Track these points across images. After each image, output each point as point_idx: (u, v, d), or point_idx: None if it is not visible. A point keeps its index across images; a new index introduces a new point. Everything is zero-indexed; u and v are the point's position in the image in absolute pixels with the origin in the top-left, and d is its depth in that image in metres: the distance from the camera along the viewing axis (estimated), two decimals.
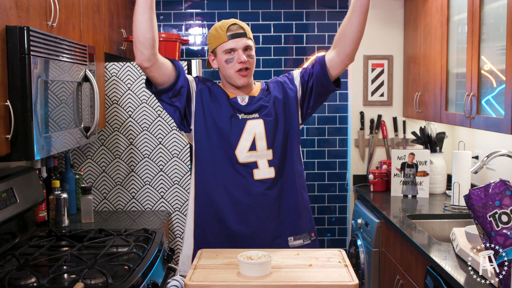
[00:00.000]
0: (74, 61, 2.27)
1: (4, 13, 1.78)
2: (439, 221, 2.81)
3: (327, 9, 3.84)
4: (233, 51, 2.01)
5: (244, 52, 2.01)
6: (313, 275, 1.65)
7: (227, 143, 2.02)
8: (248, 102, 2.07)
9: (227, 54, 2.02)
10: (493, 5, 2.38)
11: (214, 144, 2.03)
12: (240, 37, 2.01)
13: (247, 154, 2.02)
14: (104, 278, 1.76)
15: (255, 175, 2.03)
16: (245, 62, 2.01)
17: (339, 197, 3.94)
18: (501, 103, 2.27)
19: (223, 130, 2.02)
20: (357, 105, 3.80)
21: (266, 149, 2.03)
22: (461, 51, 2.74)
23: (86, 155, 3.06)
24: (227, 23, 2.04)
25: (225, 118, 2.02)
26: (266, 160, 2.03)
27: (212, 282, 1.61)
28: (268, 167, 2.03)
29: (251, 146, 2.02)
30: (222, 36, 2.01)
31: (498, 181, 1.76)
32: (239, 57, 2.00)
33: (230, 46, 2.01)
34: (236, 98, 2.07)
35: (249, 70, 2.03)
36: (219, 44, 2.03)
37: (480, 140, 3.16)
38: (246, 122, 2.03)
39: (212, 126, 2.03)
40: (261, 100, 2.08)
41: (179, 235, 3.08)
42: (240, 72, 2.02)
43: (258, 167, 2.03)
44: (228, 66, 2.03)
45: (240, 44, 2.01)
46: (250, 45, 2.04)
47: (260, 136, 2.03)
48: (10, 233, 2.25)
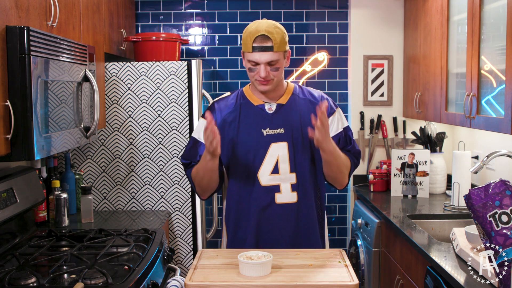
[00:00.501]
0: (74, 61, 2.27)
1: (4, 13, 1.78)
2: (439, 221, 2.81)
3: (327, 9, 3.84)
4: (256, 63, 1.97)
5: (267, 67, 1.95)
6: (313, 275, 1.65)
7: (251, 164, 2.03)
8: (276, 111, 2.05)
9: (251, 64, 1.99)
10: (493, 5, 2.38)
11: (239, 165, 2.05)
12: (265, 51, 1.94)
13: (269, 177, 2.01)
14: (104, 278, 1.76)
15: (277, 199, 2.02)
16: (265, 77, 1.96)
17: (339, 197, 3.94)
18: (501, 103, 2.27)
19: (247, 152, 2.03)
20: (357, 105, 3.80)
21: (289, 173, 2.02)
22: (461, 51, 2.73)
23: (86, 155, 3.06)
24: (256, 32, 1.95)
25: (250, 136, 2.02)
26: (290, 184, 2.02)
27: (212, 282, 1.61)
28: (291, 191, 2.02)
29: (273, 169, 2.02)
30: (248, 45, 1.96)
31: (498, 181, 1.76)
32: (259, 72, 1.96)
33: (253, 58, 1.96)
34: (264, 106, 2.05)
35: (270, 81, 1.99)
36: (245, 51, 2.00)
37: (480, 140, 3.16)
38: (270, 145, 2.02)
39: (237, 150, 2.04)
40: (289, 111, 2.04)
41: (179, 235, 3.08)
42: (261, 81, 1.99)
43: (280, 191, 2.02)
44: (250, 74, 2.01)
45: (263, 59, 1.95)
46: (275, 59, 1.95)
47: (284, 159, 2.01)
48: (10, 233, 2.25)
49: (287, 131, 2.02)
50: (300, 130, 2.03)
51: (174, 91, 3.01)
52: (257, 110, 2.05)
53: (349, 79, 3.85)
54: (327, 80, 3.87)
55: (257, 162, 2.02)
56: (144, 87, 3.01)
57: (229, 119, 2.06)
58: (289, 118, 2.04)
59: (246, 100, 2.08)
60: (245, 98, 2.09)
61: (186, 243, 3.08)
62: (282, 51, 1.97)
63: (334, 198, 3.94)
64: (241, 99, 2.09)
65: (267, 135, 2.02)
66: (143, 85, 3.01)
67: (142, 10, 3.80)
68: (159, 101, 3.01)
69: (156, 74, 3.00)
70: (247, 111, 2.06)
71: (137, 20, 3.80)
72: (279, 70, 1.99)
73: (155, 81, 3.01)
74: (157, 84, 3.01)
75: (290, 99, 2.07)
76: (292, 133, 2.02)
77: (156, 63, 3.01)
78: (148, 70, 3.00)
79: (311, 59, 3.85)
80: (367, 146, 3.79)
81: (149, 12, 3.81)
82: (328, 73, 3.87)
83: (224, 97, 2.14)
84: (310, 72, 3.86)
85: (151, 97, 3.01)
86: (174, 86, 3.01)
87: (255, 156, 2.02)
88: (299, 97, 2.09)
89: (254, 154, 2.02)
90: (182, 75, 3.01)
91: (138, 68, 3.00)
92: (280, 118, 2.04)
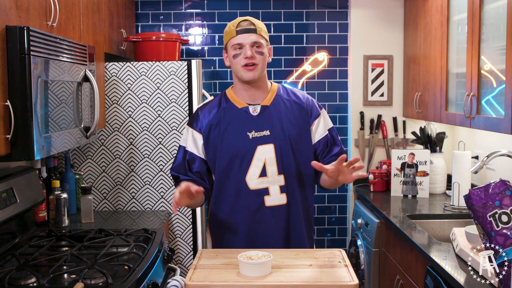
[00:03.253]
0: (74, 61, 2.27)
1: (4, 13, 1.78)
2: (439, 221, 2.81)
3: (327, 9, 3.84)
4: (241, 47, 1.99)
5: (251, 48, 1.98)
6: (313, 275, 1.65)
7: (238, 169, 2.02)
8: (260, 113, 2.04)
9: (235, 50, 2.00)
10: (493, 5, 2.38)
11: (224, 169, 2.04)
12: (249, 32, 1.98)
13: (257, 181, 2.01)
14: (104, 278, 1.76)
15: (266, 201, 2.02)
16: (251, 57, 1.97)
17: (339, 197, 3.94)
18: (501, 103, 2.27)
19: (234, 155, 2.02)
20: (357, 105, 3.80)
21: (277, 175, 2.01)
22: (461, 51, 2.73)
23: (86, 155, 3.06)
24: (240, 19, 2.03)
25: (236, 141, 2.01)
26: (278, 186, 2.02)
27: (212, 282, 1.61)
28: (279, 193, 2.02)
29: (261, 172, 2.01)
30: (232, 31, 2.00)
31: (498, 181, 1.76)
32: (245, 52, 1.98)
33: (238, 41, 1.99)
34: (248, 108, 2.04)
35: (256, 66, 1.99)
36: (229, 39, 2.02)
37: (480, 140, 3.16)
38: (257, 148, 2.01)
39: (222, 153, 2.03)
40: (274, 112, 2.04)
41: (179, 235, 3.08)
42: (247, 66, 1.99)
43: (269, 193, 2.02)
44: (235, 61, 2.01)
45: (248, 40, 1.98)
46: (259, 41, 1.99)
47: (271, 162, 2.01)
48: (10, 233, 2.25)
49: (272, 132, 2.01)
50: (285, 131, 2.02)
51: (174, 91, 3.01)
52: (241, 113, 2.04)
53: (349, 79, 3.85)
54: (327, 80, 3.87)
55: (244, 166, 2.00)
56: (144, 87, 3.01)
57: (214, 124, 2.05)
58: (274, 119, 2.03)
59: (229, 104, 2.07)
60: (228, 101, 2.08)
61: (186, 243, 3.08)
62: (264, 38, 2.03)
63: (334, 198, 3.94)
64: (224, 102, 2.08)
65: (253, 138, 2.01)
66: (143, 85, 3.01)
67: (142, 10, 3.80)
68: (159, 101, 3.01)
69: (156, 74, 3.00)
70: (231, 115, 2.04)
71: (137, 20, 3.80)
72: (263, 56, 2.01)
73: (155, 81, 3.01)
74: (157, 84, 3.01)
75: (274, 101, 2.07)
76: (277, 135, 2.01)
77: (156, 63, 3.01)
78: (148, 70, 3.00)
79: (311, 59, 3.85)
80: (367, 146, 3.79)
81: (149, 12, 3.81)
82: (328, 73, 3.87)
83: (207, 102, 2.13)
84: (310, 72, 3.86)
85: (151, 97, 3.01)
86: (174, 86, 3.01)
87: (242, 160, 2.00)
88: (283, 98, 2.09)
89: (241, 158, 2.00)
90: (182, 75, 3.01)
91: (138, 68, 3.00)
92: (265, 120, 2.03)
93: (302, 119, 2.06)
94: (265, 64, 2.04)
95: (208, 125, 2.05)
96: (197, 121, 2.08)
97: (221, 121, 2.04)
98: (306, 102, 2.10)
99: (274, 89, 2.10)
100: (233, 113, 2.04)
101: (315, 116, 2.08)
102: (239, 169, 2.00)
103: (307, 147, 2.05)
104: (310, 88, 3.86)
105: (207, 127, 2.05)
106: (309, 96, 2.15)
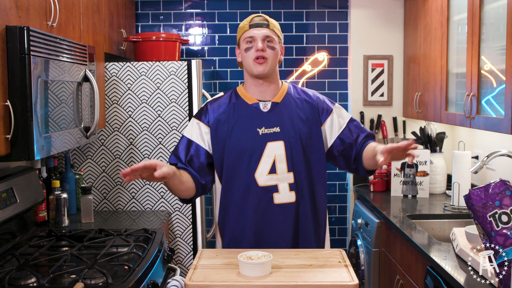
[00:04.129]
0: (74, 61, 2.27)
1: (4, 13, 1.78)
2: (439, 221, 2.81)
3: (327, 9, 3.84)
4: (253, 40, 2.00)
5: (263, 42, 1.99)
6: (313, 275, 1.65)
7: (247, 165, 2.00)
8: (270, 109, 2.03)
9: (247, 43, 2.01)
10: (493, 5, 2.38)
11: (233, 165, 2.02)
12: (261, 26, 2.00)
13: (267, 177, 2.00)
14: (104, 278, 1.76)
15: (275, 199, 2.01)
16: (262, 50, 1.98)
17: (339, 197, 3.94)
18: (501, 103, 2.27)
19: (243, 152, 2.00)
20: (357, 105, 3.80)
21: (287, 172, 2.00)
22: (461, 51, 2.73)
23: (86, 155, 3.06)
24: (254, 15, 2.07)
25: (245, 136, 2.00)
26: (287, 184, 2.00)
27: (212, 282, 1.61)
28: (289, 191, 2.01)
29: (271, 168, 2.00)
30: (245, 26, 2.03)
31: (498, 181, 1.76)
32: (256, 45, 1.99)
33: (250, 34, 2.00)
34: (258, 104, 2.04)
35: (266, 60, 1.99)
36: (242, 33, 2.04)
37: (480, 140, 3.16)
38: (267, 144, 2.00)
39: (230, 149, 2.02)
40: (284, 109, 2.03)
41: (179, 235, 3.08)
42: (257, 60, 1.99)
43: (278, 190, 2.01)
44: (246, 54, 2.01)
45: (260, 33, 1.99)
46: (271, 36, 2.01)
47: (281, 159, 2.00)
48: (10, 233, 2.25)
49: (282, 130, 2.01)
50: (295, 129, 2.01)
51: (174, 91, 3.01)
52: (251, 109, 2.03)
53: (349, 79, 3.85)
54: (327, 80, 3.87)
55: (253, 163, 1.99)
56: (144, 87, 3.01)
57: (222, 119, 2.03)
58: (284, 116, 2.02)
59: (240, 100, 2.06)
60: (238, 97, 2.07)
61: (186, 243, 3.08)
62: (277, 34, 2.04)
63: (334, 198, 3.94)
64: (234, 98, 2.07)
65: (263, 134, 2.00)
66: (143, 85, 3.01)
67: (142, 10, 3.80)
68: (159, 101, 3.01)
69: (156, 74, 3.00)
70: (241, 110, 2.04)
71: (137, 20, 3.80)
72: (275, 51, 2.02)
73: (155, 81, 3.01)
74: (157, 84, 3.01)
75: (284, 98, 2.06)
76: (288, 132, 2.01)
77: (156, 63, 3.01)
78: (148, 70, 3.00)
79: (311, 59, 3.85)
80: None
81: (149, 12, 3.81)
82: (328, 73, 3.87)
83: (217, 97, 2.12)
84: (310, 72, 3.86)
85: (151, 97, 3.01)
86: (174, 86, 3.01)
87: (251, 156, 1.99)
88: (294, 96, 2.08)
89: (250, 154, 1.99)
90: (182, 75, 3.01)
91: (138, 68, 3.00)
92: (275, 116, 2.02)
93: (312, 118, 2.05)
94: (276, 61, 2.05)
95: (216, 119, 2.04)
96: (206, 114, 2.07)
97: (230, 117, 2.03)
98: (317, 100, 2.09)
99: (285, 87, 2.11)
100: (243, 109, 2.04)
101: (327, 114, 2.07)
102: (248, 165, 1.99)
103: (317, 145, 2.04)
104: (310, 88, 3.85)
105: (215, 121, 2.04)
106: (320, 95, 2.14)
